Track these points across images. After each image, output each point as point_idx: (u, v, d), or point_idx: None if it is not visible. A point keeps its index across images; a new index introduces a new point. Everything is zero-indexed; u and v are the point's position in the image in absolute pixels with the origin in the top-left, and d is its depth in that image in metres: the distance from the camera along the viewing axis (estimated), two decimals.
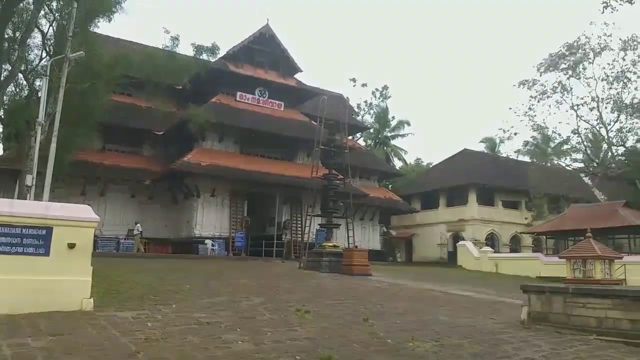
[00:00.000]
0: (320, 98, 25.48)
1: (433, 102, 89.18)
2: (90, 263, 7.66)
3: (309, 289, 12.21)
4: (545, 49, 41.22)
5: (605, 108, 30.97)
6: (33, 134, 16.54)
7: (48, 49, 19.97)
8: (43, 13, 19.82)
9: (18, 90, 21.33)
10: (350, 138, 35.25)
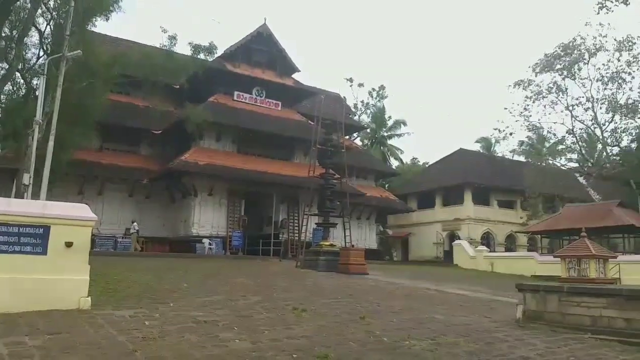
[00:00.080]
0: (317, 98, 25.54)
1: (429, 102, 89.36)
2: (88, 262, 7.66)
3: (306, 288, 12.22)
4: (541, 50, 41.39)
5: (600, 108, 31.23)
6: (30, 133, 16.54)
7: (45, 48, 19.96)
8: (40, 11, 19.85)
9: (15, 89, 21.34)
10: (347, 138, 35.28)
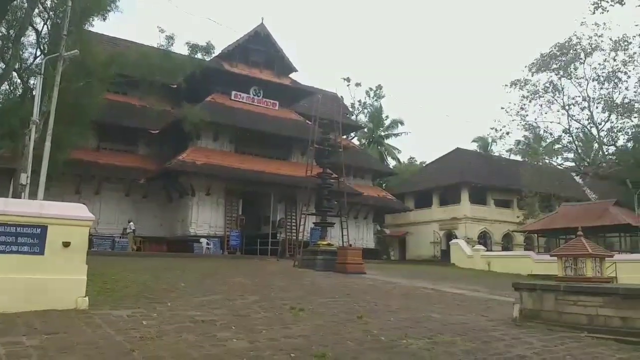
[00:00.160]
0: (315, 97, 25.55)
1: (426, 101, 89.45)
2: (85, 262, 7.66)
3: (304, 287, 12.23)
4: (537, 49, 41.42)
5: (596, 108, 31.31)
6: (27, 133, 16.50)
7: (42, 48, 19.93)
8: (37, 11, 19.79)
9: (12, 89, 21.29)
10: (345, 137, 35.25)
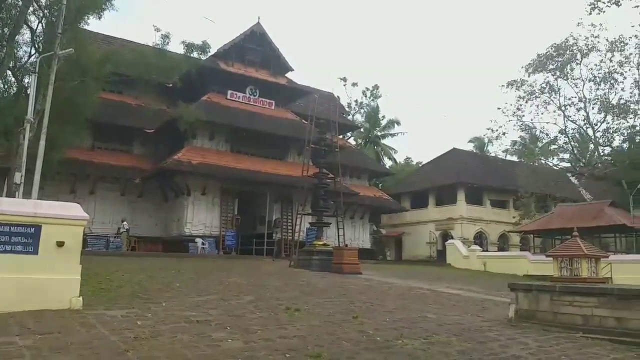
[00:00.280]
0: (311, 97, 25.51)
1: (423, 101, 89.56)
2: (80, 261, 7.62)
3: (299, 287, 12.21)
4: (534, 50, 41.59)
5: (592, 108, 31.42)
6: (22, 131, 16.41)
7: (37, 46, 19.81)
8: (32, 9, 19.68)
9: (6, 87, 21.16)
10: (341, 137, 35.28)
